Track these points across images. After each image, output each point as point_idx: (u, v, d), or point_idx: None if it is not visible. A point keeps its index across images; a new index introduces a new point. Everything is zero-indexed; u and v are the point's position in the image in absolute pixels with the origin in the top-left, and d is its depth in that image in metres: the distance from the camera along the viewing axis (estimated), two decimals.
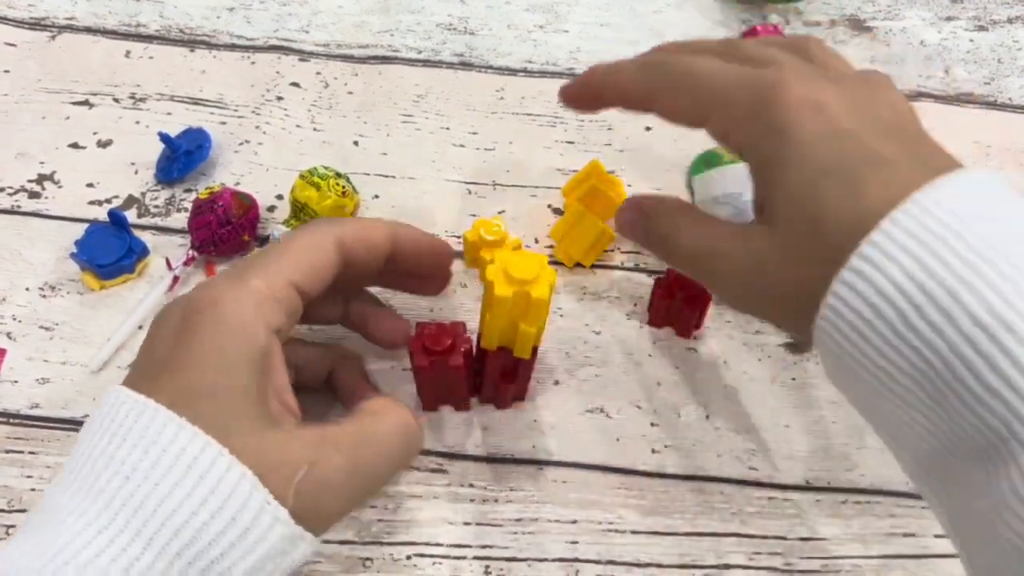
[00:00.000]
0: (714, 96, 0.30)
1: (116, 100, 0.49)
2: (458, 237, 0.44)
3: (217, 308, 0.28)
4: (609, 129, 0.49)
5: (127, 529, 0.25)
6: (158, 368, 0.28)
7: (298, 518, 0.27)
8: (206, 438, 0.26)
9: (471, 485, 0.37)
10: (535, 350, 0.34)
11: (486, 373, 0.36)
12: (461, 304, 0.42)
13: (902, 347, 0.24)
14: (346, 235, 0.32)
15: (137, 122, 0.48)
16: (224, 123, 0.48)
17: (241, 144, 0.47)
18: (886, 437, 0.28)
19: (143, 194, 0.45)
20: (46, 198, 0.44)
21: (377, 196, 0.46)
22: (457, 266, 0.43)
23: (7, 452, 0.37)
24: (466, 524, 0.36)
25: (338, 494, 0.28)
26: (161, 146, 0.45)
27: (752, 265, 0.28)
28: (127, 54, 0.51)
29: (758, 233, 0.29)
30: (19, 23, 0.52)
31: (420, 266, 0.36)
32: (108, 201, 0.45)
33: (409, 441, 0.31)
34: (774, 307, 0.29)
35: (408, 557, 0.35)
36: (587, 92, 0.35)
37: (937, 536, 0.37)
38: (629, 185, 0.46)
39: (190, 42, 0.51)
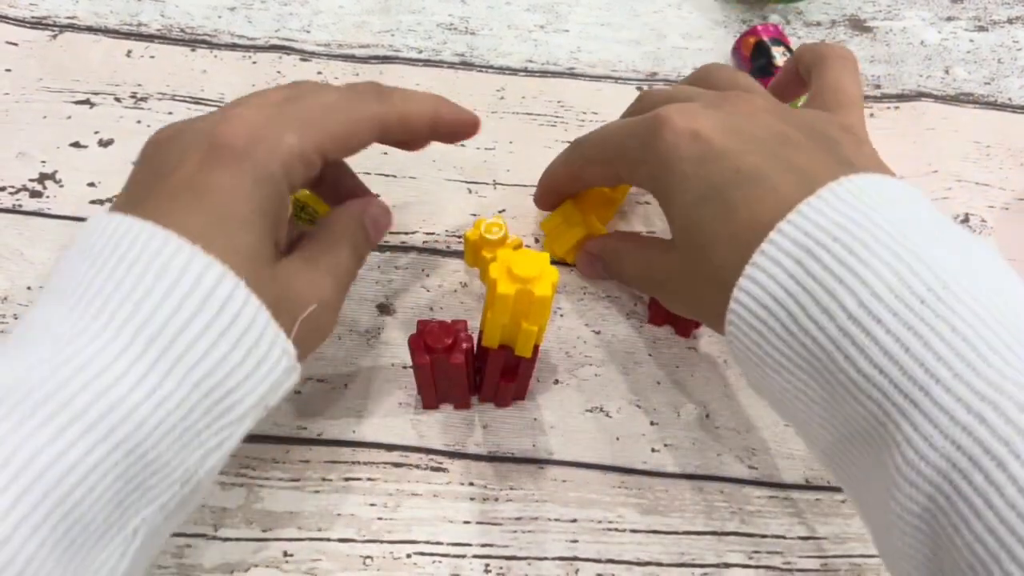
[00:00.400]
0: (616, 151, 0.34)
1: (117, 99, 0.49)
2: (459, 237, 0.44)
3: (251, 153, 0.28)
4: None
5: (145, 356, 0.24)
6: (175, 189, 0.28)
7: (305, 339, 0.29)
8: (224, 268, 0.26)
9: (471, 484, 0.37)
10: (536, 349, 0.34)
11: (487, 371, 0.36)
12: (462, 303, 0.42)
13: (794, 344, 0.27)
14: (390, 120, 0.32)
15: (138, 121, 0.48)
16: None
17: None
18: (800, 432, 0.30)
19: None
20: (47, 197, 0.44)
21: (378, 195, 0.46)
22: (458, 265, 0.43)
23: None
24: (466, 523, 0.36)
25: (326, 325, 0.31)
26: None
27: (675, 279, 0.33)
28: (128, 53, 0.51)
29: (670, 255, 0.33)
30: (20, 22, 0.52)
31: (445, 140, 0.37)
32: (109, 200, 0.45)
33: (364, 235, 0.34)
34: (701, 315, 0.34)
35: (408, 555, 0.35)
36: (549, 196, 0.41)
37: None
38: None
39: (191, 42, 0.52)
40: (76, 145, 0.47)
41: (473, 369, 0.37)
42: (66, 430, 0.23)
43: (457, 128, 0.36)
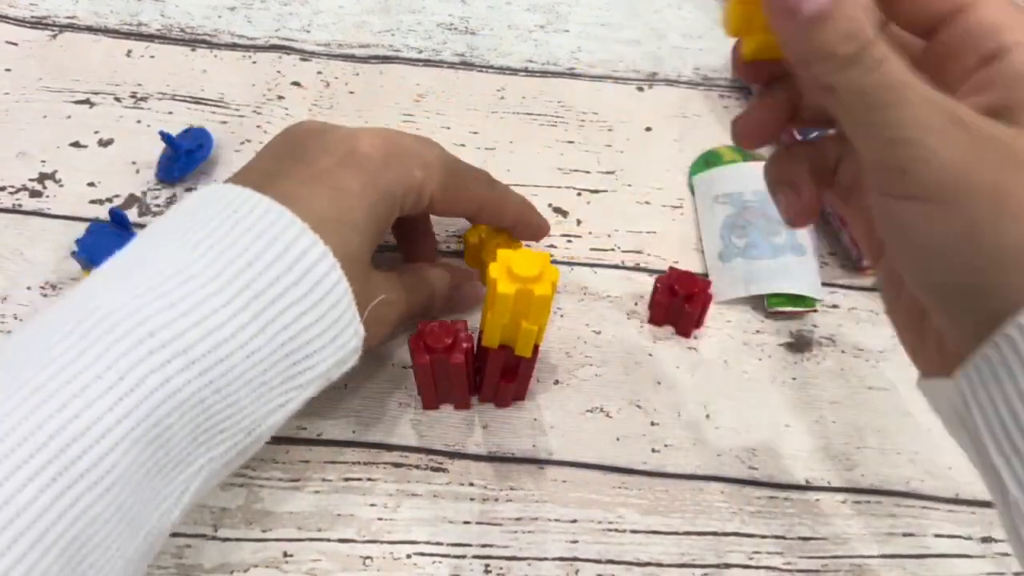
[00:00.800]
0: None
1: (117, 99, 0.49)
2: (459, 237, 0.44)
3: (384, 171, 0.33)
4: (610, 130, 0.49)
5: (247, 310, 0.28)
6: (310, 178, 0.31)
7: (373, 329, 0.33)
8: (326, 250, 0.30)
9: (471, 484, 0.37)
10: (536, 348, 0.34)
11: (487, 371, 0.36)
12: None
13: None
14: (491, 204, 0.38)
15: (138, 121, 0.48)
16: (225, 122, 0.48)
17: (242, 143, 0.47)
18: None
19: (144, 193, 0.45)
20: (47, 197, 0.44)
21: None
22: (458, 265, 0.43)
23: None
24: (466, 523, 0.36)
25: (389, 318, 0.35)
26: (162, 145, 0.45)
27: (984, 170, 0.21)
28: (128, 53, 0.51)
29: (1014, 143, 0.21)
30: (20, 22, 0.52)
31: (518, 237, 0.41)
32: (109, 200, 0.45)
33: (445, 293, 0.39)
34: (973, 275, 0.21)
35: (408, 556, 0.35)
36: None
37: (937, 536, 0.37)
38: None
39: (191, 41, 0.52)
40: (76, 145, 0.47)
41: (473, 369, 0.37)
42: (172, 361, 0.26)
43: (532, 232, 0.41)
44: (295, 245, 0.29)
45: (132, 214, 0.44)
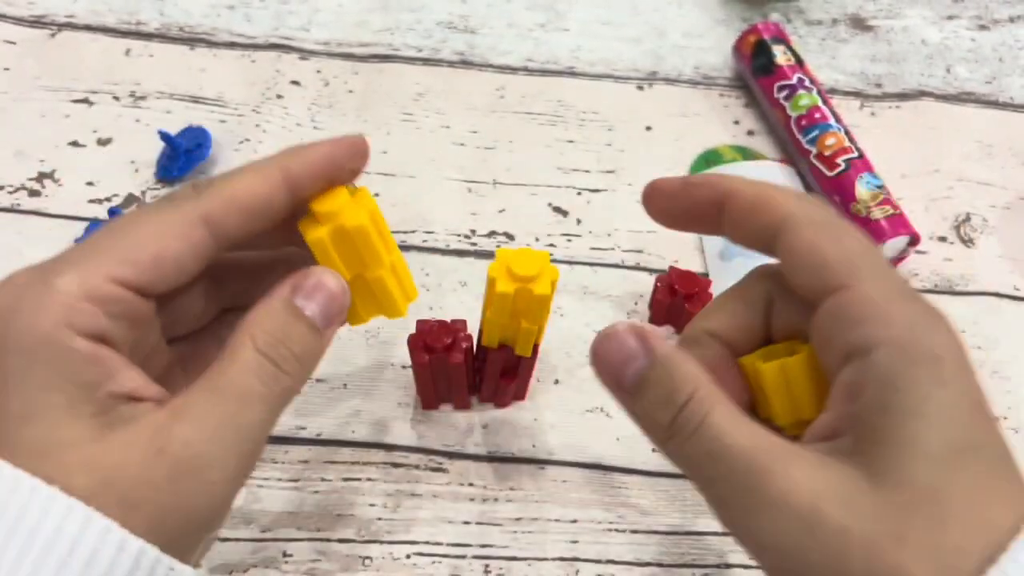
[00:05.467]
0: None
1: (116, 98, 0.48)
2: (459, 236, 0.44)
3: (13, 320, 0.22)
4: (610, 129, 0.49)
5: None
6: None
7: (167, 517, 0.22)
8: (16, 472, 0.20)
9: (471, 484, 0.37)
10: (536, 348, 0.34)
11: (487, 371, 0.36)
12: (462, 302, 0.42)
13: None
14: (214, 208, 0.24)
15: (137, 120, 0.48)
16: (224, 121, 0.48)
17: (241, 142, 0.47)
18: None
19: (143, 192, 0.45)
20: (46, 196, 0.44)
21: (377, 194, 0.46)
22: (458, 264, 0.43)
23: None
24: (466, 523, 0.36)
25: (203, 470, 0.22)
26: (161, 144, 0.45)
27: (831, 515, 0.21)
28: (127, 52, 0.50)
29: (844, 473, 0.21)
30: (19, 21, 0.51)
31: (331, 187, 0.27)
32: (108, 199, 0.44)
33: (274, 376, 0.24)
34: None
35: (408, 556, 0.35)
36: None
37: None
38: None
39: (190, 40, 0.51)
40: (74, 144, 0.46)
41: (473, 369, 0.37)
42: None
43: (329, 170, 0.26)
44: (15, 503, 0.20)
45: None
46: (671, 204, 0.27)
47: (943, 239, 0.46)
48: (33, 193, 0.44)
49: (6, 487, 0.20)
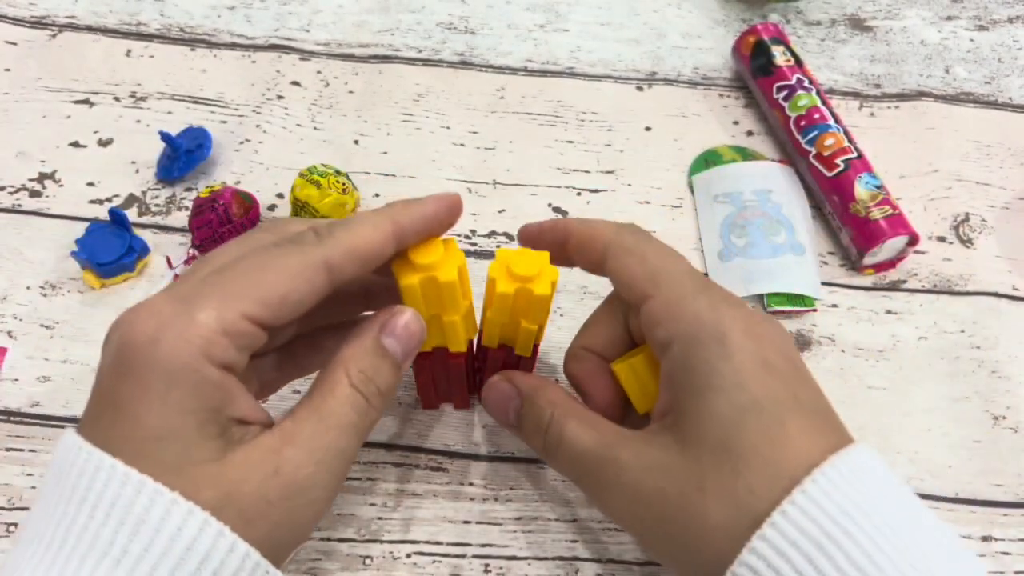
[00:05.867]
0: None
1: (117, 99, 0.49)
2: (459, 236, 0.44)
3: (157, 348, 0.24)
4: (609, 130, 0.49)
5: None
6: (101, 406, 0.25)
7: (276, 530, 0.25)
8: (156, 486, 0.23)
9: (471, 483, 0.37)
10: (536, 348, 0.34)
11: (487, 371, 0.36)
12: None
13: None
14: (335, 256, 0.27)
15: (138, 121, 0.48)
16: (225, 122, 0.48)
17: (242, 143, 0.47)
18: None
19: (144, 193, 0.45)
20: (47, 197, 0.44)
21: (378, 195, 0.46)
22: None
23: (8, 450, 0.37)
24: (466, 522, 0.36)
25: (310, 489, 0.26)
26: (162, 145, 0.45)
27: (653, 482, 0.27)
28: (128, 53, 0.51)
29: (662, 445, 0.27)
30: (20, 21, 0.52)
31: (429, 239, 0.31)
32: (109, 200, 0.45)
33: (365, 409, 0.28)
34: (672, 542, 0.27)
35: (408, 555, 0.35)
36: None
37: None
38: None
39: (191, 41, 0.51)
40: (75, 144, 0.47)
41: (473, 369, 0.37)
42: None
43: (432, 226, 0.30)
44: (150, 513, 0.23)
45: (132, 214, 0.44)
46: (535, 246, 0.32)
47: (942, 239, 0.46)
48: (34, 193, 0.44)
49: (148, 498, 0.23)
